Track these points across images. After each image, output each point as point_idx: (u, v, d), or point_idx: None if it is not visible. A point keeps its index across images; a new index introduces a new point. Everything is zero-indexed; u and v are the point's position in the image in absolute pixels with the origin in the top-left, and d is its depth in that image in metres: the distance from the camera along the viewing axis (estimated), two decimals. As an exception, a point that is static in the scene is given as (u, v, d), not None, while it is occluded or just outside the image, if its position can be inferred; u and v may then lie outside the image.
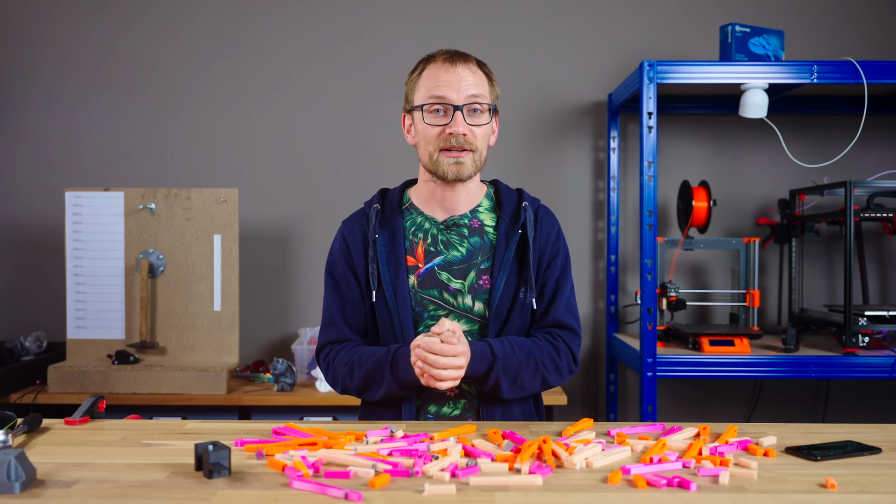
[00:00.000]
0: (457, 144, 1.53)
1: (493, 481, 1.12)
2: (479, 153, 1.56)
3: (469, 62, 1.57)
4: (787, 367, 2.50)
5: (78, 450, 1.32)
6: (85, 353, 2.76)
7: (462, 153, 1.54)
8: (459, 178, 1.55)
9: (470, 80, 1.54)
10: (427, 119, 1.55)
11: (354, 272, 1.62)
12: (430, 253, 1.60)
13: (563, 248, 1.65)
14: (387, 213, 1.63)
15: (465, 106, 1.53)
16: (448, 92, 1.53)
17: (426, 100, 1.55)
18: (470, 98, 1.53)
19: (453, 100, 1.53)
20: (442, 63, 1.56)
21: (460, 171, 1.54)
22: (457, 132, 1.52)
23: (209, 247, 2.74)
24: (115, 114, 3.17)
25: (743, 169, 3.14)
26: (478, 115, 1.55)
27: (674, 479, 1.11)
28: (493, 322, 1.56)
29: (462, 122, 1.52)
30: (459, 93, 1.53)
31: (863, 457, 1.27)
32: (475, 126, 1.54)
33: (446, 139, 1.53)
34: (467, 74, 1.54)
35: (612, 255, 3.10)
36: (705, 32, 3.04)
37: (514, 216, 1.61)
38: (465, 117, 1.53)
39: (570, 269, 1.66)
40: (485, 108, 1.56)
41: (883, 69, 2.52)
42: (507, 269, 1.57)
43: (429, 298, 1.58)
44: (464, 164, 1.54)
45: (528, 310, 1.60)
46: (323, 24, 3.16)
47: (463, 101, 1.53)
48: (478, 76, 1.56)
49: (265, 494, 1.07)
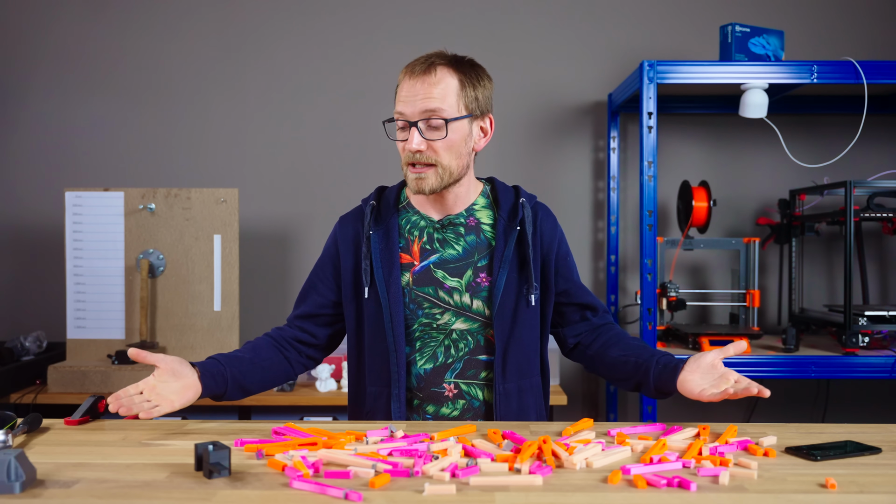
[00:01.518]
0: (415, 160, 1.52)
1: (493, 481, 1.12)
2: (443, 167, 1.52)
3: (430, 73, 1.50)
4: (787, 367, 2.50)
5: (78, 450, 1.32)
6: (85, 353, 2.76)
7: (423, 168, 1.52)
8: (421, 192, 1.53)
9: (427, 92, 1.49)
10: (394, 134, 1.56)
11: (337, 268, 1.64)
12: (426, 251, 1.59)
13: (566, 242, 1.69)
14: (383, 211, 1.63)
15: (420, 122, 1.50)
16: (404, 107, 1.51)
17: (393, 115, 1.55)
18: (425, 114, 1.49)
19: (408, 115, 1.51)
20: (405, 76, 1.53)
21: (420, 186, 1.53)
22: (410, 149, 1.51)
23: (209, 247, 2.74)
24: (115, 114, 3.17)
25: (743, 169, 3.14)
26: (435, 130, 1.50)
27: (674, 479, 1.11)
28: (497, 320, 1.56)
29: (416, 139, 1.50)
30: (414, 108, 1.50)
31: (863, 457, 1.27)
32: (433, 140, 1.51)
33: (410, 155, 1.52)
34: (424, 88, 1.49)
35: (612, 255, 3.10)
36: (705, 32, 3.04)
37: (512, 213, 1.61)
38: (422, 133, 1.50)
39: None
40: (440, 124, 1.49)
41: (883, 69, 2.52)
42: (508, 266, 1.57)
43: (423, 296, 1.58)
44: (424, 179, 1.52)
45: (536, 309, 1.60)
46: (323, 25, 3.16)
47: (417, 118, 1.50)
48: (441, 86, 1.50)
49: (265, 494, 1.07)
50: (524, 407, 1.60)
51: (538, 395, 1.65)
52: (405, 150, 1.53)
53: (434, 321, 1.58)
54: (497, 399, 1.57)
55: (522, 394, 1.60)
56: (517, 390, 1.59)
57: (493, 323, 1.56)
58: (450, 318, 1.58)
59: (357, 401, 1.65)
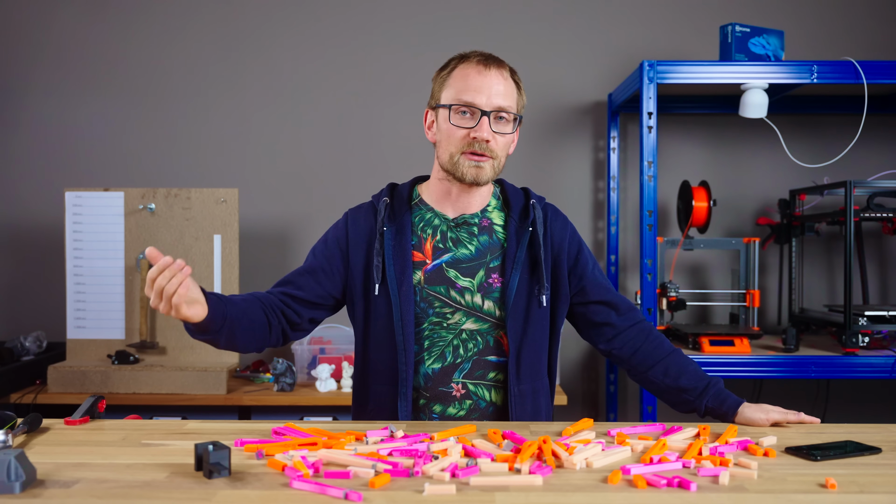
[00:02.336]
0: (479, 150, 1.52)
1: (493, 481, 1.12)
2: (498, 161, 1.56)
3: (503, 69, 1.55)
4: (787, 367, 2.50)
5: (78, 450, 1.32)
6: (85, 353, 2.76)
7: (483, 158, 1.53)
8: (477, 182, 1.55)
9: (500, 88, 1.53)
10: (453, 120, 1.54)
11: (346, 265, 1.61)
12: (439, 250, 1.60)
13: (580, 240, 1.67)
14: (396, 208, 1.62)
15: (493, 113, 1.52)
16: (477, 97, 1.52)
17: (454, 101, 1.54)
18: (498, 107, 1.53)
19: (482, 105, 1.52)
20: (476, 65, 1.54)
21: (479, 176, 1.54)
22: (481, 137, 1.51)
23: (209, 247, 2.74)
24: (115, 114, 3.17)
25: (743, 169, 3.14)
26: (503, 123, 1.55)
27: (674, 479, 1.11)
28: (511, 321, 1.56)
29: (487, 129, 1.52)
30: (489, 99, 1.52)
31: (863, 457, 1.27)
32: (499, 134, 1.54)
33: (470, 143, 1.52)
34: (499, 82, 1.53)
35: (612, 255, 3.10)
36: (705, 32, 3.04)
37: (523, 214, 1.62)
38: (490, 124, 1.52)
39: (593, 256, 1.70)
40: (510, 119, 1.55)
41: (883, 69, 2.52)
42: (520, 267, 1.57)
43: (435, 295, 1.58)
44: (483, 169, 1.54)
45: (546, 310, 1.60)
46: (324, 25, 3.16)
47: (491, 108, 1.52)
48: (508, 84, 1.55)
49: (265, 494, 1.07)
50: (538, 408, 1.61)
51: (548, 396, 1.66)
52: (466, 138, 1.53)
53: (444, 320, 1.58)
54: (512, 400, 1.57)
55: (536, 395, 1.61)
56: (531, 391, 1.59)
57: (505, 324, 1.57)
58: (460, 317, 1.58)
59: (361, 399, 1.64)
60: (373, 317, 1.59)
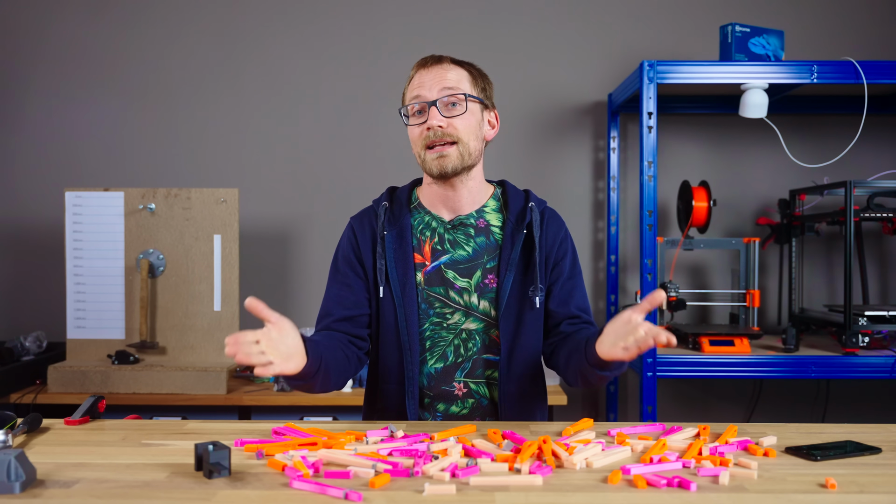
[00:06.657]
0: (436, 138, 1.53)
1: (493, 481, 1.12)
2: (464, 144, 1.54)
3: (442, 61, 1.58)
4: (787, 367, 2.50)
5: (78, 450, 1.32)
6: (85, 353, 2.76)
7: (444, 147, 1.54)
8: (444, 171, 1.54)
9: (444, 74, 1.55)
10: (410, 121, 1.58)
11: (363, 265, 1.63)
12: (437, 251, 1.61)
13: (570, 249, 1.65)
14: (395, 211, 1.64)
15: (440, 100, 1.53)
16: (422, 90, 1.55)
17: (406, 103, 1.58)
18: (443, 91, 1.54)
19: (427, 97, 1.54)
20: (418, 68, 1.58)
21: (443, 165, 1.53)
22: (432, 125, 1.53)
23: (209, 247, 2.74)
24: (115, 114, 3.17)
25: (743, 169, 3.14)
26: (455, 107, 1.55)
27: (674, 479, 1.11)
28: (503, 321, 1.57)
29: (436, 115, 1.53)
30: (431, 89, 1.54)
31: (863, 457, 1.27)
32: (453, 117, 1.54)
33: (426, 136, 1.54)
34: (441, 72, 1.56)
35: (612, 255, 3.10)
36: (705, 32, 3.03)
37: (520, 216, 1.62)
38: (440, 111, 1.53)
39: (579, 270, 1.66)
40: (460, 99, 1.54)
41: (883, 69, 2.52)
42: (514, 268, 1.58)
43: (435, 296, 1.59)
44: (447, 157, 1.53)
45: (540, 311, 1.60)
46: (323, 25, 3.16)
47: (436, 96, 1.54)
48: (454, 72, 1.57)
49: (265, 494, 1.07)
50: (529, 407, 1.62)
51: (542, 395, 1.67)
52: (423, 133, 1.54)
53: (445, 321, 1.59)
54: (502, 399, 1.58)
55: (526, 394, 1.61)
56: (521, 391, 1.60)
57: (498, 324, 1.58)
58: (460, 318, 1.59)
59: (372, 398, 1.67)
60: (380, 318, 1.61)
